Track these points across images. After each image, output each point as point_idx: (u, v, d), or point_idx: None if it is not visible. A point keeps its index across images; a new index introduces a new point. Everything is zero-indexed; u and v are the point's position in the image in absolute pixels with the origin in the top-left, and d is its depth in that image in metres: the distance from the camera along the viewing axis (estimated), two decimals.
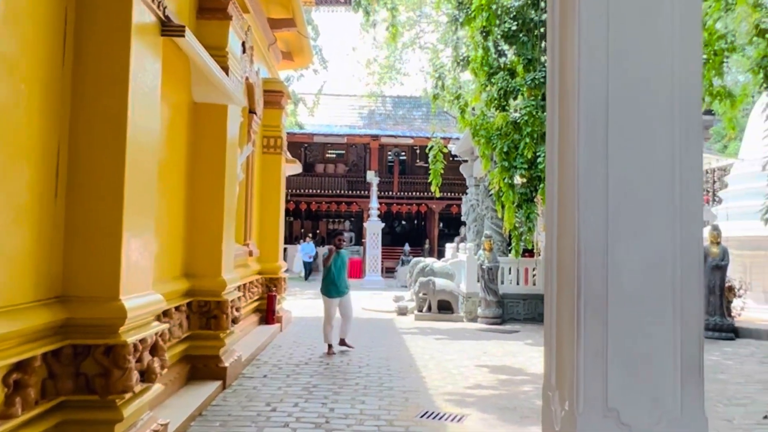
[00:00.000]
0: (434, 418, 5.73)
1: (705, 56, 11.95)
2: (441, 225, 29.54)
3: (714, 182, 19.25)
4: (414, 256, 25.73)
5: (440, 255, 24.95)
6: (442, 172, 13.98)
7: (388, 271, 25.91)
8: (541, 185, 11.60)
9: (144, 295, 4.26)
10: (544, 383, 2.94)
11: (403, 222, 31.89)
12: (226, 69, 6.75)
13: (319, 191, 28.53)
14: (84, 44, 4.01)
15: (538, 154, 11.62)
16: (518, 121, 11.92)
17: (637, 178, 2.47)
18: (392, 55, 33.53)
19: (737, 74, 17.09)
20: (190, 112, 6.74)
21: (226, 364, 6.69)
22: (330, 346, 9.13)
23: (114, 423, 3.87)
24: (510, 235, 14.20)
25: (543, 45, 12.16)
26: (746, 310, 12.30)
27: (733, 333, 11.43)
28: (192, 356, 6.53)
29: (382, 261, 24.21)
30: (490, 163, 12.68)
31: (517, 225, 12.38)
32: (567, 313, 2.59)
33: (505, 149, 11.87)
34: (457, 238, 27.52)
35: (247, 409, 5.88)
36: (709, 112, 14.60)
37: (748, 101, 12.82)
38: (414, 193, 28.45)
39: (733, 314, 11.78)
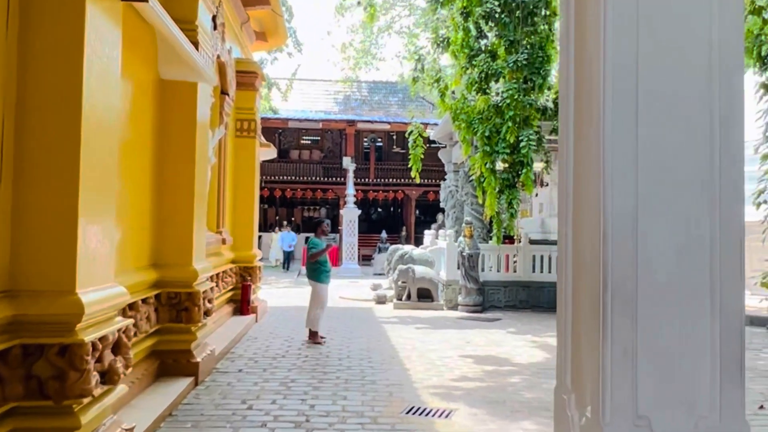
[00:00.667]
0: (421, 413, 5.42)
1: None
2: (418, 212, 29.27)
3: None
4: (391, 244, 25.44)
5: (417, 242, 24.71)
6: (422, 157, 13.62)
7: (365, 259, 25.59)
8: (524, 170, 11.36)
9: (104, 287, 3.85)
10: (558, 384, 2.62)
11: (379, 209, 31.57)
12: (195, 44, 6.29)
13: (294, 178, 28.01)
14: (31, 8, 3.56)
15: (520, 138, 11.36)
16: (500, 104, 11.64)
17: (671, 151, 2.15)
18: (368, 40, 33.00)
19: None
20: (157, 90, 6.27)
21: (198, 359, 6.30)
22: (316, 333, 8.84)
23: (71, 431, 3.48)
24: (491, 222, 14.00)
25: (525, 27, 11.87)
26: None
27: None
28: (161, 351, 6.12)
29: (358, 248, 23.86)
30: (471, 148, 12.40)
31: (498, 211, 12.12)
32: (588, 306, 2.27)
33: (486, 134, 11.59)
34: (434, 225, 27.29)
35: (221, 408, 5.51)
36: None
37: None
38: (390, 180, 28.11)
39: None
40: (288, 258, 24.01)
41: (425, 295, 13.42)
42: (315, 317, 8.89)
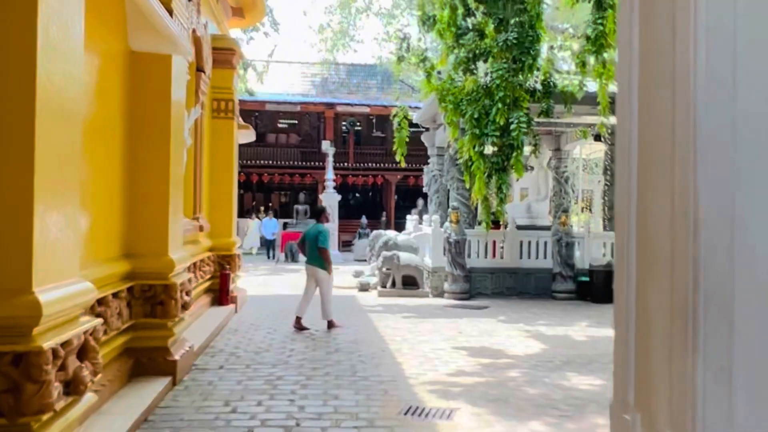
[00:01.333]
0: (420, 414, 5.02)
1: None
2: (397, 197, 28.83)
3: None
4: (371, 229, 24.99)
5: (397, 227, 24.28)
6: (407, 140, 13.16)
7: (345, 245, 25.12)
8: (514, 153, 10.97)
9: (67, 284, 3.33)
10: (615, 401, 2.21)
11: (357, 194, 31.00)
12: (169, 12, 5.73)
13: (271, 162, 27.31)
14: None
15: (510, 120, 10.96)
16: (489, 85, 11.21)
17: None
18: (345, 21, 32.29)
19: None
20: (127, 63, 5.70)
21: (176, 357, 5.81)
22: (332, 321, 8.89)
23: None
24: (477, 207, 13.65)
25: (515, 5, 11.42)
26: None
27: None
28: (135, 349, 5.61)
29: (339, 234, 23.37)
30: (458, 131, 11.96)
31: (486, 196, 11.75)
32: (664, 310, 1.85)
33: (475, 115, 11.16)
34: (414, 210, 26.88)
35: (202, 411, 5.03)
36: None
37: None
38: (370, 164, 27.60)
39: None
40: (270, 246, 23.09)
41: (410, 283, 13.03)
42: (328, 309, 8.91)
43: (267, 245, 22.94)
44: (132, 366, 5.54)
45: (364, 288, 13.91)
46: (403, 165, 13.09)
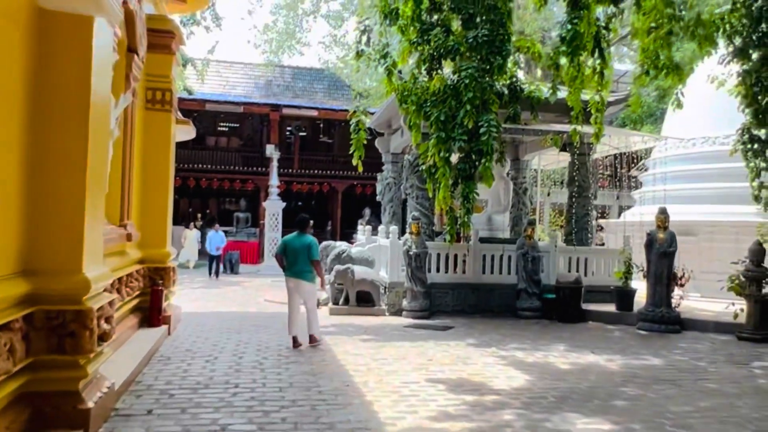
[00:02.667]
0: None
1: (654, 24, 10.96)
2: (344, 206, 27.66)
3: (629, 165, 18.86)
4: (317, 239, 23.68)
5: (344, 238, 23.13)
6: (365, 142, 12.09)
7: None
8: (484, 160, 10.08)
9: None
10: None
11: (300, 203, 29.53)
12: None
13: (210, 166, 25.64)
14: None
15: (480, 123, 10.07)
16: (457, 85, 10.30)
17: None
18: (292, 22, 31.06)
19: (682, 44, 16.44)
20: (34, 24, 4.40)
21: (90, 404, 4.49)
22: (313, 336, 8.54)
23: None
24: (438, 218, 12.72)
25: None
26: (685, 299, 11.54)
27: (679, 325, 10.60)
28: (35, 395, 4.29)
29: None
30: (420, 135, 10.99)
31: (452, 206, 10.81)
32: None
33: (441, 118, 10.22)
34: (360, 220, 25.83)
35: None
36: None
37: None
38: (316, 171, 26.37)
39: (673, 304, 10.94)
40: (213, 263, 19.17)
41: (365, 299, 11.93)
42: (316, 323, 8.60)
43: (210, 261, 19.35)
44: (28, 419, 4.22)
45: None
46: (361, 170, 12.00)
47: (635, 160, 18.08)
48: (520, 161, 16.05)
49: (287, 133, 28.61)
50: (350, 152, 11.79)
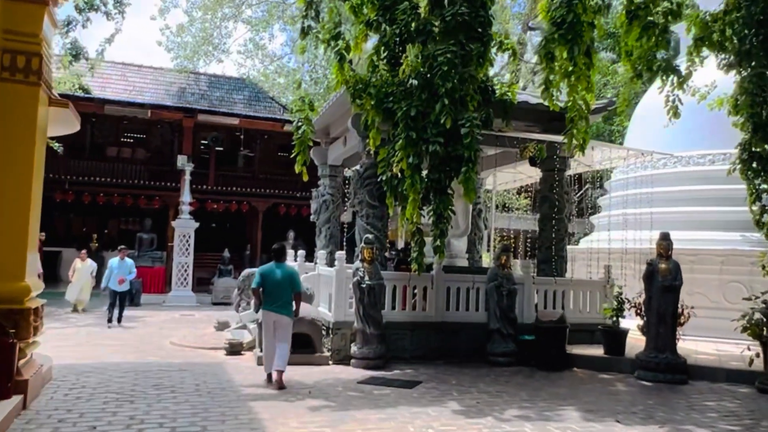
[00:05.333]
0: None
1: (652, 18, 9.37)
2: (264, 228, 24.78)
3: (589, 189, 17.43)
4: (234, 265, 20.83)
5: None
6: (311, 144, 9.65)
7: (201, 284, 20.65)
8: (464, 168, 7.95)
9: None
10: None
11: (214, 225, 26.28)
12: None
13: (110, 180, 22.16)
14: None
15: (460, 122, 7.95)
16: (432, 74, 8.15)
17: None
18: (209, 26, 28.24)
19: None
20: None
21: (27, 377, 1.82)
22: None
23: None
24: (400, 244, 10.50)
25: None
26: (681, 340, 9.82)
27: (686, 374, 8.84)
28: None
29: (194, 270, 18.96)
30: (379, 138, 8.76)
31: (420, 227, 8.58)
32: None
33: (412, 113, 8.02)
34: (284, 243, 23.10)
35: None
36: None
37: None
38: (235, 188, 23.45)
39: None
40: (118, 302, 13.30)
41: (303, 343, 9.40)
42: (287, 355, 7.78)
43: (112, 300, 13.25)
44: None
45: (235, 350, 10.02)
46: (306, 178, 9.58)
47: (592, 181, 16.68)
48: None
49: (202, 146, 25.52)
50: (292, 155, 9.31)
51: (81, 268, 15.47)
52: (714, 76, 10.91)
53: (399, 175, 8.25)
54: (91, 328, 12.64)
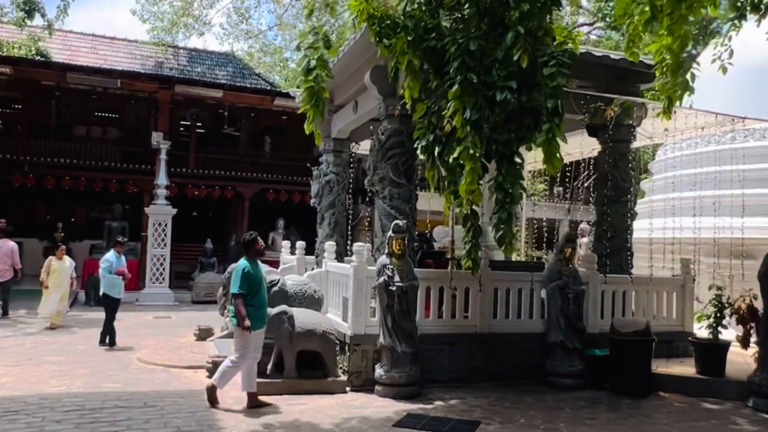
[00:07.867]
0: None
1: None
2: (251, 216, 22.31)
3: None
4: (217, 258, 18.41)
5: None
6: (326, 95, 7.20)
7: (180, 278, 18.18)
8: (548, 125, 5.64)
9: None
10: None
11: (194, 213, 23.77)
12: None
13: (77, 161, 19.53)
14: None
15: (542, 58, 5.65)
16: None
17: None
18: None
19: None
20: None
21: None
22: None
23: None
24: (427, 235, 8.21)
25: None
26: None
27: None
28: None
29: (171, 263, 16.51)
30: (417, 87, 6.41)
31: (479, 205, 6.30)
32: None
33: (471, 47, 5.68)
34: (272, 233, 20.80)
35: None
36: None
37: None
38: (218, 172, 20.92)
39: None
40: (111, 310, 9.78)
41: (312, 363, 7.09)
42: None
43: (113, 317, 9.78)
44: None
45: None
46: (319, 143, 7.29)
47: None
48: None
49: (182, 128, 22.94)
50: (300, 110, 6.94)
51: (59, 269, 11.41)
52: None
53: (447, 135, 5.93)
54: (41, 338, 10.20)
